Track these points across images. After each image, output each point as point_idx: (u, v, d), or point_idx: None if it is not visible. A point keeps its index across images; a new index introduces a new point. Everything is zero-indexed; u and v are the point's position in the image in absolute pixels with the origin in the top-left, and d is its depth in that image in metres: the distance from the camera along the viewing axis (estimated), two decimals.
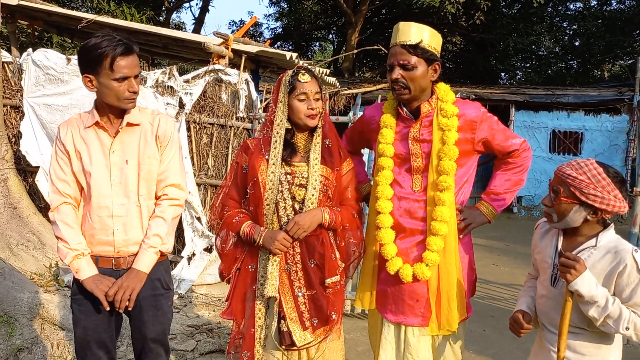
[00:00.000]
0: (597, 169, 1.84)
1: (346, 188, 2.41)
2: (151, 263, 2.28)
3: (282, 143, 2.29)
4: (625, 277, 1.83)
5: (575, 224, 1.91)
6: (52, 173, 2.26)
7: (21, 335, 3.72)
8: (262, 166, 2.29)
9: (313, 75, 2.31)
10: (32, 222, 5.22)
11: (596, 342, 1.94)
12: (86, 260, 2.22)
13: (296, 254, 2.29)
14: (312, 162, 2.28)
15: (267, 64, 7.13)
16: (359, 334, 4.38)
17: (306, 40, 22.83)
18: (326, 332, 2.31)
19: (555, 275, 2.00)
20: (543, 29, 16.77)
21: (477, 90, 12.30)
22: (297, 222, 2.21)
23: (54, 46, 11.76)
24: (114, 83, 2.11)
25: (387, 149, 2.35)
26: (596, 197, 1.83)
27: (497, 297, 5.52)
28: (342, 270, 2.36)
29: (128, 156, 2.25)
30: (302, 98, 2.26)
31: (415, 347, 2.31)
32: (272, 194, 2.26)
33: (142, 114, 2.32)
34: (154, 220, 2.30)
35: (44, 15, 6.59)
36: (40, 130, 5.45)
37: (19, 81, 5.55)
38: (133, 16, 11.22)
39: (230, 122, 5.44)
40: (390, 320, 2.38)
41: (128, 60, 2.11)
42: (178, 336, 4.01)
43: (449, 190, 2.24)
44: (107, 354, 2.34)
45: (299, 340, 2.25)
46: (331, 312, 2.28)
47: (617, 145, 11.03)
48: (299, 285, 2.29)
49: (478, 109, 2.31)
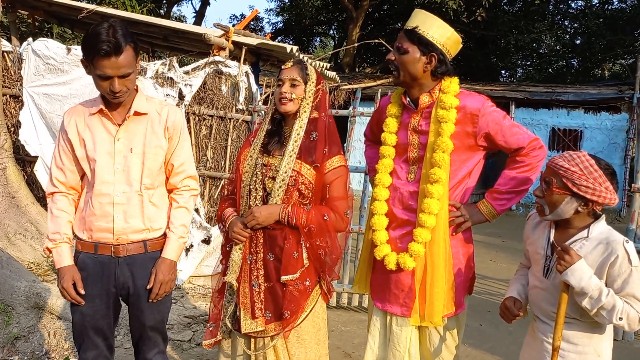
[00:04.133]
0: (589, 161, 1.86)
1: (325, 186, 2.29)
2: (179, 252, 2.37)
3: (265, 130, 2.34)
4: (617, 267, 1.84)
5: (567, 215, 1.92)
6: (53, 160, 2.31)
7: (18, 324, 3.73)
8: (245, 152, 2.36)
9: (297, 63, 2.32)
10: (30, 212, 5.21)
11: (588, 332, 1.96)
12: (58, 251, 2.24)
13: (259, 244, 2.29)
14: (286, 155, 2.24)
15: (267, 57, 7.11)
16: (355, 326, 4.39)
17: (307, 35, 22.81)
18: (279, 328, 2.26)
19: (548, 267, 2.02)
20: (544, 26, 16.78)
21: (477, 87, 12.30)
22: (252, 212, 2.22)
23: (54, 36, 11.73)
24: (97, 78, 2.11)
25: (388, 138, 2.36)
26: (588, 189, 1.84)
27: (494, 293, 5.54)
28: (306, 270, 2.26)
29: (133, 145, 2.25)
30: (279, 84, 2.30)
31: (397, 336, 2.31)
32: (247, 177, 2.30)
33: (150, 104, 2.32)
34: (178, 210, 2.38)
35: (45, 5, 6.56)
36: (40, 120, 5.45)
37: (18, 70, 5.53)
38: (134, 8, 11.19)
39: (229, 114, 5.44)
40: (378, 307, 2.39)
41: (110, 61, 2.04)
42: (175, 326, 4.03)
43: (440, 183, 2.19)
44: (104, 340, 2.33)
45: (244, 327, 2.27)
46: (286, 309, 2.23)
47: (616, 143, 11.04)
48: (257, 275, 2.28)
49: (481, 101, 2.24)
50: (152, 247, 2.33)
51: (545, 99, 11.90)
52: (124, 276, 2.27)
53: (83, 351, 2.31)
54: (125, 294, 2.32)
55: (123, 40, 2.05)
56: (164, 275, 2.29)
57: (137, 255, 2.29)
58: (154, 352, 2.42)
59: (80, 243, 2.28)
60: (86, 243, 2.27)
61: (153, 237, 2.33)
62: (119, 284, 2.28)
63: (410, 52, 2.20)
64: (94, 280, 2.25)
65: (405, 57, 2.22)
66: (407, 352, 2.31)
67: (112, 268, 2.26)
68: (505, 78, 21.63)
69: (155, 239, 2.34)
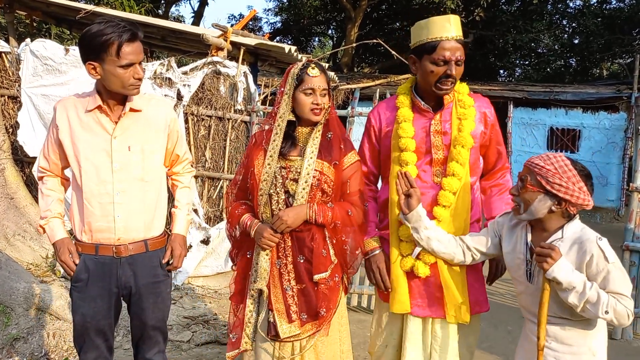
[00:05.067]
0: (564, 161, 1.91)
1: (346, 182, 2.37)
2: (187, 226, 2.53)
3: (282, 136, 2.29)
4: (594, 266, 1.86)
5: (540, 214, 1.94)
6: (42, 148, 2.35)
7: (17, 325, 3.72)
8: (260, 157, 2.31)
9: (322, 70, 2.30)
10: (29, 213, 5.21)
11: (581, 331, 1.97)
12: (50, 226, 2.30)
13: (287, 247, 2.29)
14: (307, 156, 2.26)
15: (265, 57, 7.11)
16: (355, 326, 4.39)
17: (305, 35, 22.77)
18: (316, 327, 2.29)
19: (530, 271, 2.04)
20: (542, 26, 16.78)
21: (475, 87, 12.29)
22: (280, 217, 2.22)
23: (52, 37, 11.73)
24: (119, 70, 2.09)
25: (409, 144, 2.30)
26: (561, 187, 1.87)
27: (493, 292, 5.54)
28: (334, 266, 2.32)
29: (130, 142, 2.25)
30: (308, 92, 2.25)
31: (444, 339, 2.31)
32: (266, 185, 2.27)
33: (142, 100, 2.32)
34: (183, 190, 2.55)
35: (43, 5, 6.57)
36: (38, 121, 5.43)
37: (16, 71, 5.53)
38: (132, 8, 11.18)
39: (228, 115, 5.44)
40: (417, 315, 2.32)
41: (133, 46, 2.10)
42: (174, 327, 4.02)
43: (455, 176, 2.26)
44: (105, 341, 2.33)
45: (283, 332, 2.25)
46: (321, 307, 2.27)
47: (614, 142, 11.02)
48: (288, 278, 2.29)
49: (488, 104, 2.39)
50: (153, 246, 2.34)
51: (544, 98, 11.89)
52: (126, 276, 2.28)
53: (84, 352, 2.31)
54: (127, 293, 2.32)
55: (132, 27, 2.11)
56: (181, 249, 2.42)
57: (139, 255, 2.29)
58: (154, 351, 2.43)
59: (80, 245, 2.27)
60: (86, 245, 2.26)
61: (153, 235, 2.34)
62: (121, 284, 2.28)
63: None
64: (95, 281, 2.25)
65: (461, 68, 2.26)
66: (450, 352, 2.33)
67: (113, 268, 2.26)
68: (504, 78, 21.62)
69: (156, 237, 2.36)
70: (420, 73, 2.28)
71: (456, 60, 2.20)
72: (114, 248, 2.25)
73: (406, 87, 2.42)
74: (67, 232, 2.33)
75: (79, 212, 2.27)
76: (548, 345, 2.00)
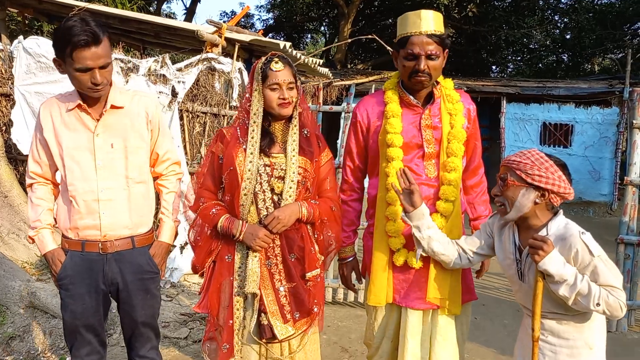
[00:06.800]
0: (538, 154, 1.96)
1: (325, 179, 2.38)
2: (173, 234, 2.49)
3: (260, 132, 2.24)
4: (580, 261, 1.88)
5: (526, 208, 1.96)
6: (30, 153, 2.31)
7: (13, 324, 3.71)
8: (240, 155, 2.23)
9: (286, 63, 2.25)
10: (23, 211, 5.17)
11: (578, 325, 1.99)
12: (39, 238, 2.27)
13: (276, 247, 2.26)
14: (290, 153, 2.24)
15: (260, 54, 7.07)
16: (352, 322, 4.41)
17: (298, 32, 22.72)
18: (308, 324, 2.30)
19: (521, 270, 2.05)
20: (534, 22, 16.82)
21: (468, 83, 12.33)
22: (276, 216, 2.19)
23: (44, 35, 11.64)
24: (75, 72, 2.05)
25: (396, 139, 2.30)
26: (541, 177, 1.90)
27: (489, 287, 5.58)
28: (321, 263, 2.34)
29: (113, 139, 2.23)
30: (274, 87, 2.21)
31: (443, 328, 2.33)
32: (250, 184, 2.21)
33: (125, 96, 2.29)
34: (169, 195, 2.49)
35: (35, 2, 6.53)
36: (32, 119, 5.38)
37: (9, 69, 5.48)
38: (124, 5, 11.12)
39: (223, 111, 5.43)
40: (416, 308, 2.31)
41: (90, 51, 2.00)
42: (171, 324, 4.02)
43: (456, 171, 2.29)
44: (96, 337, 2.32)
45: (281, 334, 2.24)
46: (312, 305, 2.27)
47: (607, 137, 11.09)
48: (279, 278, 2.27)
49: (470, 99, 2.43)
50: (140, 242, 2.33)
51: (536, 93, 11.95)
52: (113, 272, 2.26)
53: (76, 349, 2.31)
54: (114, 290, 2.31)
55: (99, 30, 2.02)
56: (160, 258, 2.39)
57: (125, 252, 2.28)
58: (147, 348, 2.42)
59: (67, 242, 2.26)
60: (73, 241, 2.25)
61: (140, 232, 2.33)
62: (108, 280, 2.27)
63: (440, 56, 2.25)
64: (83, 278, 2.24)
65: (437, 63, 2.24)
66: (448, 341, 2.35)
67: (100, 265, 2.25)
68: (496, 73, 21.68)
69: (143, 234, 2.34)
70: (399, 68, 2.32)
71: (427, 54, 2.19)
72: (100, 244, 2.23)
73: (393, 82, 2.42)
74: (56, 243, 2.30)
75: (64, 209, 2.25)
76: (545, 339, 2.01)
